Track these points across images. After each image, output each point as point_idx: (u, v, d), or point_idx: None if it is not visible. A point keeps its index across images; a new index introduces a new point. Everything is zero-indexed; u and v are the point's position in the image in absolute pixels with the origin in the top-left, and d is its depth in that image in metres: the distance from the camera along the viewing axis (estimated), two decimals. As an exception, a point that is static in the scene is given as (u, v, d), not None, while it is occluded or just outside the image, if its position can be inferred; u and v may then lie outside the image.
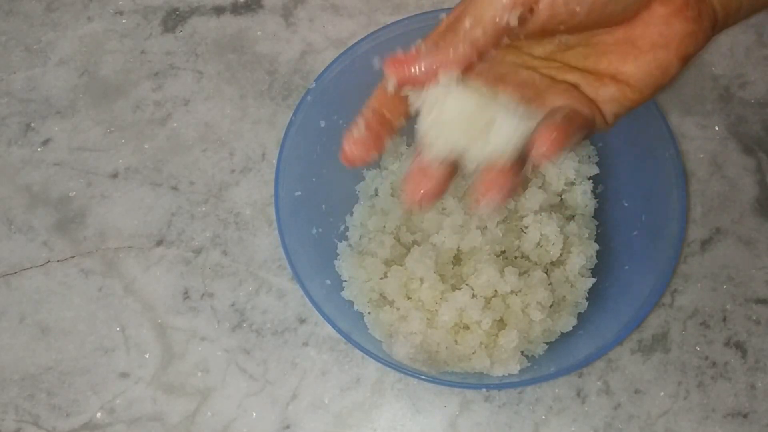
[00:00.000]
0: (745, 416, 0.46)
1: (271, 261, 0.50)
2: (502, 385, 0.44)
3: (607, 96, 0.30)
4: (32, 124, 0.54)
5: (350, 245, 0.49)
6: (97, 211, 0.52)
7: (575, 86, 0.30)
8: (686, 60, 0.29)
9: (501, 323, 0.45)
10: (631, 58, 0.29)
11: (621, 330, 0.40)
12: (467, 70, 0.29)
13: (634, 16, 0.28)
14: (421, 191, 0.30)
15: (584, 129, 0.29)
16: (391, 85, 0.29)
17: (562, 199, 0.49)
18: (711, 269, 0.49)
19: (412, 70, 0.28)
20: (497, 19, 0.27)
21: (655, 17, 0.28)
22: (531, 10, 0.27)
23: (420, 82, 0.28)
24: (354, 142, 0.30)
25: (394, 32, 0.45)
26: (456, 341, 0.44)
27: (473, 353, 0.44)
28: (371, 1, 0.57)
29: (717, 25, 0.29)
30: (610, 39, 0.29)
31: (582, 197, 0.48)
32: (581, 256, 0.46)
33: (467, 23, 0.27)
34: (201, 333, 0.48)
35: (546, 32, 0.29)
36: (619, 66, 0.29)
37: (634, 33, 0.29)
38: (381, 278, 0.46)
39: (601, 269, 0.47)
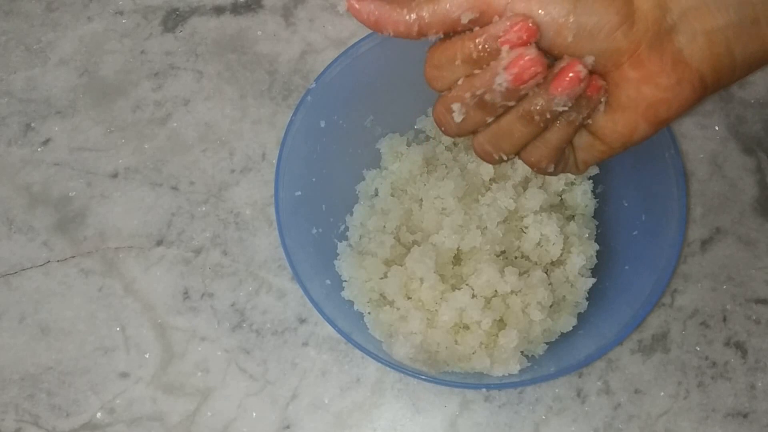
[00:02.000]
0: (745, 416, 0.46)
1: (271, 261, 0.50)
2: (502, 385, 0.44)
3: (579, 143, 0.30)
4: (32, 124, 0.54)
5: (350, 245, 0.49)
6: (97, 211, 0.52)
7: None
8: (657, 125, 0.28)
9: (501, 323, 0.45)
10: (600, 112, 0.29)
11: (621, 330, 0.40)
12: (403, 36, 0.28)
13: (603, 71, 0.27)
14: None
15: (558, 167, 0.30)
16: (341, 7, 0.28)
17: (562, 199, 0.49)
18: (711, 269, 0.49)
19: (361, 7, 0.28)
20: (450, 11, 0.27)
21: (624, 80, 0.27)
22: (489, 19, 0.27)
23: (363, 20, 0.28)
24: None
25: (394, 32, 0.45)
26: (456, 341, 0.44)
27: (473, 353, 0.44)
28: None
29: (706, 90, 0.28)
30: None
31: (582, 197, 0.48)
32: (581, 256, 0.46)
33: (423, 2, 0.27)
34: (201, 333, 0.48)
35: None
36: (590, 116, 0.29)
37: (605, 88, 0.28)
38: (381, 278, 0.46)
39: (601, 269, 0.47)
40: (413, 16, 0.27)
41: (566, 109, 0.28)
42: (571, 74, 0.27)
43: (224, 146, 0.53)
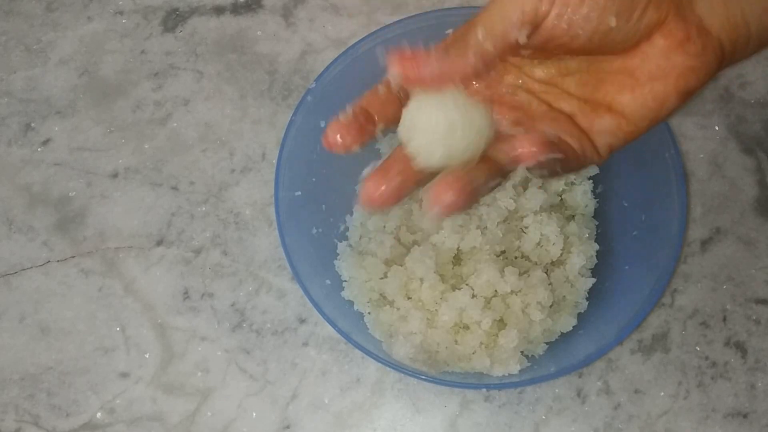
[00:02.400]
0: (745, 416, 0.46)
1: (271, 261, 0.50)
2: (502, 385, 0.44)
3: (602, 127, 0.30)
4: (32, 124, 0.54)
5: (350, 245, 0.49)
6: (97, 211, 0.52)
7: (570, 117, 0.30)
8: (686, 94, 0.29)
9: (501, 323, 0.45)
10: (627, 89, 0.29)
11: (621, 330, 0.40)
12: (471, 80, 0.29)
13: (634, 46, 0.28)
14: (381, 189, 0.29)
15: (570, 162, 0.29)
16: (394, 80, 0.28)
17: (562, 199, 0.49)
18: (711, 269, 0.50)
19: (421, 70, 0.28)
20: (507, 35, 0.27)
21: (654, 49, 0.28)
22: (537, 29, 0.27)
23: (425, 84, 0.28)
24: (338, 126, 0.30)
25: (394, 32, 0.45)
26: (456, 341, 0.44)
27: (473, 353, 0.44)
28: (371, 1, 0.57)
29: (724, 60, 0.29)
30: (609, 68, 0.29)
31: (582, 197, 0.48)
32: (581, 256, 0.46)
33: (479, 34, 0.27)
34: (201, 333, 0.48)
35: (546, 51, 0.29)
36: (615, 96, 0.29)
37: (633, 63, 0.28)
38: (381, 278, 0.46)
39: (601, 269, 0.47)
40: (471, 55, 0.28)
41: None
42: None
43: (224, 146, 0.53)
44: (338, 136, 0.29)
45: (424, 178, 0.30)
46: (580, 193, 0.48)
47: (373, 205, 0.29)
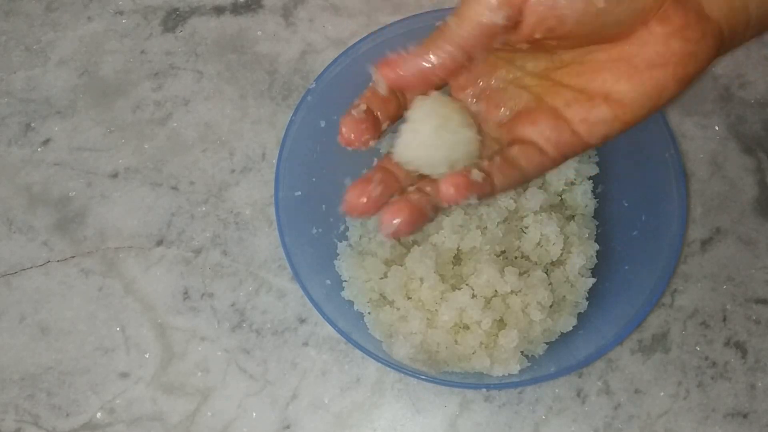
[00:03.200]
0: (745, 416, 0.46)
1: (271, 261, 0.50)
2: (502, 385, 0.44)
3: (598, 117, 0.30)
4: (32, 124, 0.54)
5: (350, 245, 0.49)
6: (97, 211, 0.52)
7: (555, 113, 0.30)
8: (685, 81, 0.28)
9: (501, 323, 0.45)
10: (625, 77, 0.29)
11: (621, 330, 0.40)
12: (454, 73, 0.28)
13: (628, 33, 0.28)
14: (362, 200, 0.29)
15: (488, 194, 0.30)
16: (381, 88, 0.29)
17: (562, 199, 0.49)
18: (711, 269, 0.50)
19: (401, 70, 0.28)
20: (482, 18, 0.27)
21: (652, 36, 0.28)
22: (520, 12, 0.27)
23: (409, 84, 0.28)
24: (353, 123, 0.30)
25: (394, 32, 0.45)
26: (456, 341, 0.44)
27: (473, 353, 0.44)
28: (371, 1, 0.57)
29: (723, 45, 0.29)
30: (604, 57, 0.29)
31: (582, 197, 0.48)
32: (581, 256, 0.46)
33: (452, 23, 0.27)
34: (201, 333, 0.48)
35: (535, 41, 0.28)
36: (613, 84, 0.29)
37: (630, 51, 0.28)
38: (381, 278, 0.46)
39: (601, 269, 0.47)
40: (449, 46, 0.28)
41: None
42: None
43: (224, 146, 0.53)
44: (352, 133, 0.29)
45: (405, 187, 0.30)
46: (580, 193, 0.48)
47: (355, 214, 0.29)
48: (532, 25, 0.27)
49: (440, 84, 0.30)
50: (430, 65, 0.28)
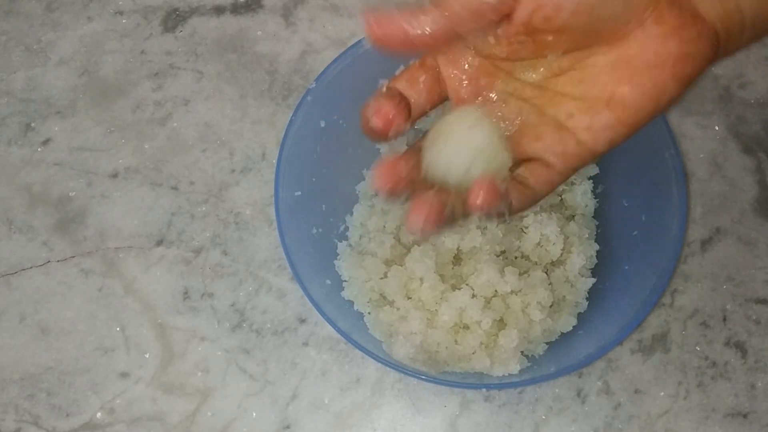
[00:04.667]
0: (745, 416, 0.46)
1: (271, 261, 0.50)
2: (502, 385, 0.44)
3: (602, 123, 0.29)
4: (32, 124, 0.54)
5: (350, 245, 0.49)
6: (97, 211, 0.52)
7: (558, 124, 0.30)
8: (684, 82, 0.28)
9: (501, 323, 0.45)
10: (626, 79, 0.28)
11: (621, 330, 0.40)
12: (438, 44, 0.28)
13: (625, 32, 0.28)
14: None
15: (508, 212, 0.30)
16: (367, 41, 0.28)
17: (562, 199, 0.49)
18: (711, 269, 0.49)
19: (385, 30, 0.28)
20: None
21: (649, 37, 0.28)
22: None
23: (393, 44, 0.28)
24: (380, 108, 0.29)
25: (394, 32, 0.45)
26: (456, 341, 0.44)
27: (473, 353, 0.44)
28: (371, 2, 0.57)
29: (719, 48, 0.29)
30: (603, 60, 0.29)
31: (582, 197, 0.48)
32: (581, 256, 0.46)
33: None
34: (201, 333, 0.48)
35: (532, 34, 0.28)
36: (614, 88, 0.29)
37: (629, 53, 0.28)
38: (381, 278, 0.46)
39: (601, 269, 0.47)
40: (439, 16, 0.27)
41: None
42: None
43: (224, 146, 0.53)
44: (380, 119, 0.29)
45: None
46: (580, 193, 0.48)
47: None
48: (528, 13, 0.27)
49: (424, 51, 0.29)
50: (415, 31, 0.27)
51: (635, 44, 0.28)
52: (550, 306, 0.45)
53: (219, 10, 0.57)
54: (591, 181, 0.49)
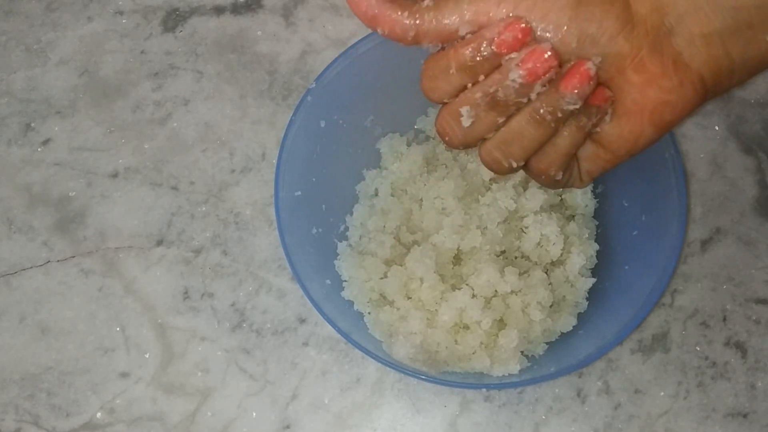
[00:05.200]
0: (745, 416, 0.46)
1: (271, 261, 0.50)
2: (502, 385, 0.44)
3: (585, 154, 0.30)
4: (32, 124, 0.54)
5: (350, 245, 0.49)
6: (97, 211, 0.52)
7: None
8: (662, 128, 0.29)
9: (501, 323, 0.45)
10: (607, 121, 0.29)
11: (621, 330, 0.40)
12: (395, 38, 0.28)
13: (603, 78, 0.27)
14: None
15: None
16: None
17: (562, 199, 0.49)
18: (711, 269, 0.49)
19: (375, 9, 0.27)
20: (445, 19, 0.27)
21: (627, 84, 0.27)
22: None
23: (363, 16, 0.28)
24: None
25: (394, 32, 0.45)
26: (456, 341, 0.44)
27: (473, 353, 0.44)
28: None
29: (707, 93, 0.28)
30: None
31: (582, 197, 0.48)
32: (581, 256, 0.46)
33: (431, 6, 0.27)
34: (201, 333, 0.48)
35: None
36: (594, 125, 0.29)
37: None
38: (381, 278, 0.46)
39: (601, 269, 0.47)
40: (412, 21, 0.27)
41: (576, 109, 0.28)
42: (580, 72, 0.27)
43: (224, 146, 0.53)
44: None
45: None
46: (580, 193, 0.48)
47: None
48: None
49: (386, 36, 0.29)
50: (401, 20, 0.27)
51: (615, 89, 0.28)
52: (550, 306, 0.45)
53: (219, 10, 0.57)
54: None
